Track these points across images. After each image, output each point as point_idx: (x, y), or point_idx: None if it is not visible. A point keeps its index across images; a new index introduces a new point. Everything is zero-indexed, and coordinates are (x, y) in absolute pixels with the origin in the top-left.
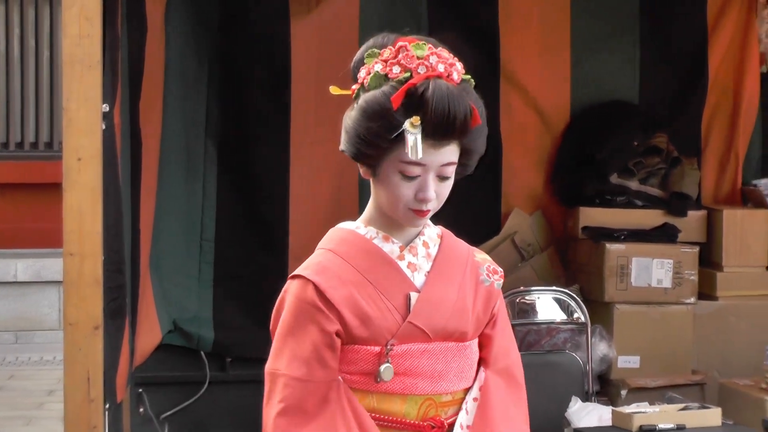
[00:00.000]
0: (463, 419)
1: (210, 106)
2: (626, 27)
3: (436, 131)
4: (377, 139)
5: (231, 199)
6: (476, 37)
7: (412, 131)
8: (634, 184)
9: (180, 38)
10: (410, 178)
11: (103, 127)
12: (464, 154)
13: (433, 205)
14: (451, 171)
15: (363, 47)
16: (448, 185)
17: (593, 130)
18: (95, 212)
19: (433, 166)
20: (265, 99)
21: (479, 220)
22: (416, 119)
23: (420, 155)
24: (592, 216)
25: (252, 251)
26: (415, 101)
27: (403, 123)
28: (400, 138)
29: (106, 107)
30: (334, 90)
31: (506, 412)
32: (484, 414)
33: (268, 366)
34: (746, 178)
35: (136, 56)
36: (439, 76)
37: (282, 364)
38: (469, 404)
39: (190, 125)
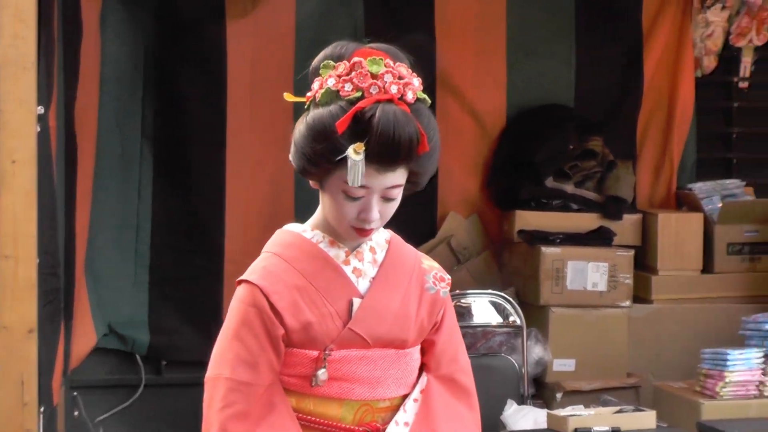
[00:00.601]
0: (401, 417)
1: (146, 108)
2: (562, 31)
3: (381, 157)
4: (321, 160)
5: (167, 201)
6: (412, 42)
7: (355, 158)
8: (569, 188)
9: (115, 40)
10: (354, 198)
11: (38, 129)
12: (413, 174)
13: (377, 224)
14: (396, 193)
15: (321, 54)
16: (395, 204)
17: (529, 133)
18: (30, 215)
19: (377, 189)
20: (201, 101)
21: (415, 223)
22: (359, 146)
23: (360, 183)
24: (528, 219)
25: (188, 254)
26: (361, 127)
27: (347, 147)
28: (345, 160)
29: (41, 109)
30: (288, 97)
31: (448, 412)
32: (426, 412)
33: (210, 372)
34: (681, 181)
35: (72, 58)
36: (391, 99)
37: (226, 369)
38: (408, 404)
39: (126, 128)
